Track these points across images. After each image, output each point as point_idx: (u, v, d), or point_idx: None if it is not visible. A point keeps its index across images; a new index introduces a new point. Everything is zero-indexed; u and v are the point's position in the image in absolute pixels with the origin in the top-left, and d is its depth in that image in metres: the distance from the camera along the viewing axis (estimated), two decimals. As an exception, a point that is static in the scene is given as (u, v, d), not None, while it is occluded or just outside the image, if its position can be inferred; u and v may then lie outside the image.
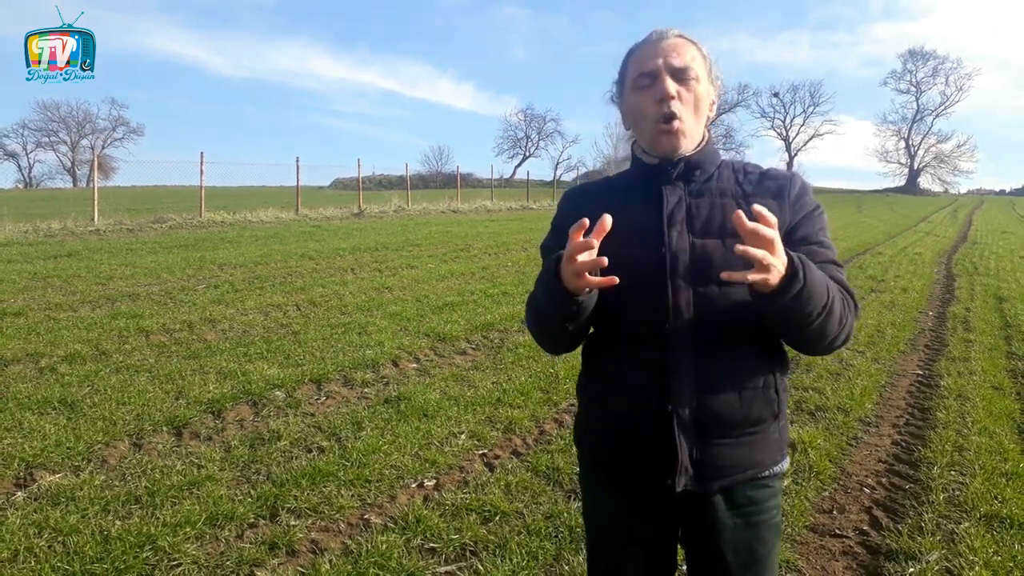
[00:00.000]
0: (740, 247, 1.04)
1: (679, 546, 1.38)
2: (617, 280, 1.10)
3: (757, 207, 1.06)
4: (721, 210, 1.25)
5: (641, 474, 1.28)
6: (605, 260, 1.10)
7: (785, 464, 1.35)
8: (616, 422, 1.30)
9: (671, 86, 1.24)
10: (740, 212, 1.04)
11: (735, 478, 1.26)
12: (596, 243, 1.09)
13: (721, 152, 1.35)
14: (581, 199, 1.39)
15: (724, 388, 1.23)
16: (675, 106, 1.24)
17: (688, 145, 1.27)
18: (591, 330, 1.37)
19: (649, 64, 1.26)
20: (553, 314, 1.23)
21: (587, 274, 1.11)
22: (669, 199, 1.27)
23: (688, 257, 1.22)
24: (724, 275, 1.07)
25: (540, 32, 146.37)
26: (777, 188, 1.29)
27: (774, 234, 1.04)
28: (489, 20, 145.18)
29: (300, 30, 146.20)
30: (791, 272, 1.08)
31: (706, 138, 1.32)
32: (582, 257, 1.10)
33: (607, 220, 1.10)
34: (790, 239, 1.25)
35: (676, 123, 1.24)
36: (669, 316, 1.21)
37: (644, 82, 1.26)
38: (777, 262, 1.05)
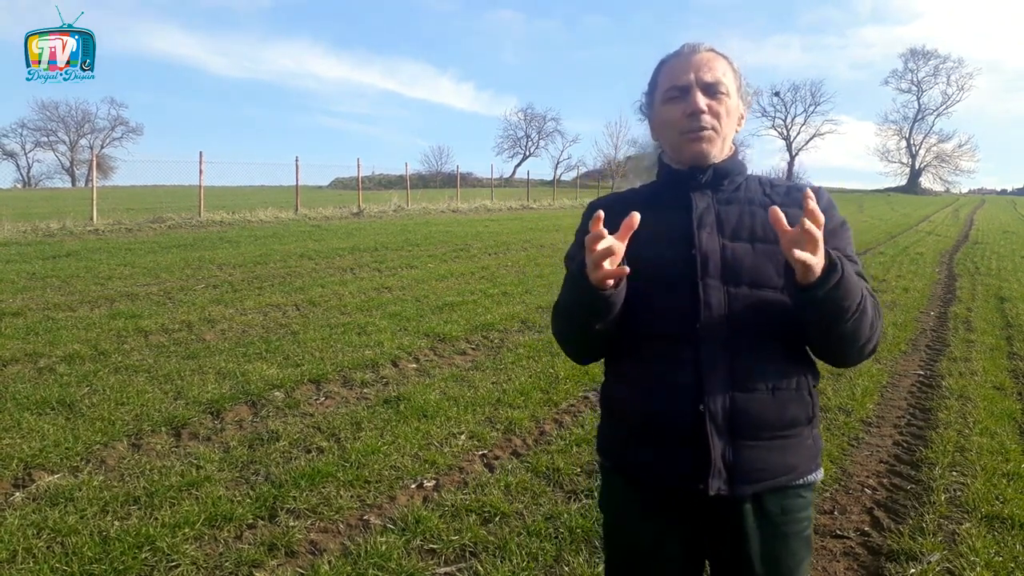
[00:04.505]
0: (775, 208, 1.10)
1: (705, 553, 1.36)
2: (628, 270, 1.14)
3: (813, 205, 1.09)
4: (751, 216, 1.28)
5: (671, 479, 1.26)
6: (621, 247, 1.14)
7: (819, 474, 1.33)
8: (646, 423, 1.28)
9: (701, 100, 1.28)
10: (775, 208, 1.11)
11: (768, 483, 1.24)
12: (606, 232, 1.12)
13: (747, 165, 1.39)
14: (605, 210, 1.39)
15: (758, 386, 1.23)
16: (705, 120, 1.28)
17: (716, 154, 1.31)
18: (618, 336, 1.35)
19: (681, 78, 1.30)
20: (580, 312, 1.25)
21: (605, 265, 1.14)
22: (698, 204, 1.30)
23: (719, 258, 1.25)
24: (772, 216, 1.11)
25: (536, 35, 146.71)
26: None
27: (818, 233, 1.09)
28: (486, 23, 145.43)
29: (300, 31, 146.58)
30: (829, 263, 1.11)
31: (732, 150, 1.36)
32: (601, 245, 1.13)
33: (635, 217, 1.15)
34: None
35: (704, 132, 1.28)
36: (701, 314, 1.22)
37: (674, 95, 1.30)
38: (816, 258, 1.09)
